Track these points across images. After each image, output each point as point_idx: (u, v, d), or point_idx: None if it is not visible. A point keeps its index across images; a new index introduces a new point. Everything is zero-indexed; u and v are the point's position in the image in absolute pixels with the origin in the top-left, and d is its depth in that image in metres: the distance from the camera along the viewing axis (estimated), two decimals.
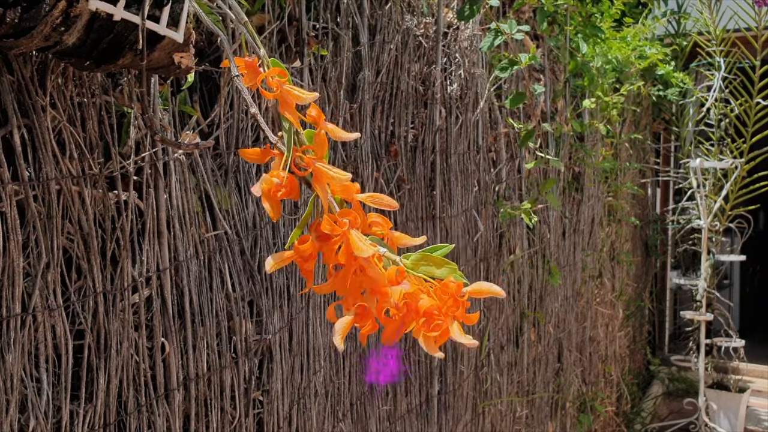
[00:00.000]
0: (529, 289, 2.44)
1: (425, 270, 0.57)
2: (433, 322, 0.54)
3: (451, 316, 0.54)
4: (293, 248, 0.58)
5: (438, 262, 0.57)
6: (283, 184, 0.58)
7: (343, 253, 0.56)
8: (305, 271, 0.60)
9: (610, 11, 2.70)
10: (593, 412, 3.17)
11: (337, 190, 0.60)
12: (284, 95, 0.61)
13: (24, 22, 0.67)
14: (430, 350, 0.54)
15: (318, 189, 0.59)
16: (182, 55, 0.82)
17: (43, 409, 0.86)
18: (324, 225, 0.56)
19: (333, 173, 0.59)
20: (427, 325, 0.54)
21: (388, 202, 0.60)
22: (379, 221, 0.60)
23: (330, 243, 0.57)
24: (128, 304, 0.98)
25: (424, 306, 0.54)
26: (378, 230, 0.60)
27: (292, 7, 1.28)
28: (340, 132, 0.62)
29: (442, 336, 0.54)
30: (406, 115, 1.66)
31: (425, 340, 0.54)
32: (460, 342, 0.54)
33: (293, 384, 1.31)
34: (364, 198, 0.60)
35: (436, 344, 0.54)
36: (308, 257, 0.58)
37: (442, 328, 0.54)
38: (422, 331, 0.54)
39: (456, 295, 0.54)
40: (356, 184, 0.60)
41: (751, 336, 4.68)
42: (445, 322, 0.54)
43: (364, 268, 0.55)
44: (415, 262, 0.58)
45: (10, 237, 0.82)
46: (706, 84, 4.05)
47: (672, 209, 4.77)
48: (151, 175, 1.01)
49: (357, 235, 0.56)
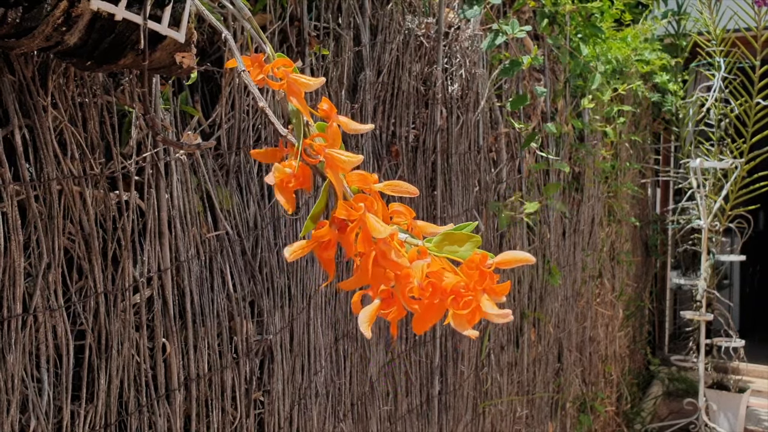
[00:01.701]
0: (529, 289, 2.44)
1: (449, 250, 0.54)
2: (461, 299, 0.51)
3: (480, 290, 0.51)
4: (311, 236, 0.55)
5: (460, 238, 0.54)
6: (295, 174, 0.56)
7: (362, 239, 0.54)
8: (325, 260, 0.57)
9: (610, 11, 2.70)
10: (593, 412, 3.17)
11: (353, 179, 0.57)
12: (291, 84, 0.61)
13: (25, 22, 0.67)
14: (461, 329, 0.50)
15: (331, 175, 0.56)
16: (184, 55, 0.81)
17: (44, 409, 0.86)
18: (339, 211, 0.54)
19: (345, 157, 0.56)
20: (455, 303, 0.51)
21: (407, 189, 0.58)
22: (401, 210, 0.57)
23: (347, 232, 0.55)
24: (129, 305, 0.98)
25: (450, 284, 0.51)
26: (401, 220, 0.57)
27: (294, 7, 1.28)
28: (352, 123, 0.61)
29: (474, 313, 0.51)
30: (407, 115, 1.66)
31: (456, 319, 0.51)
32: (494, 316, 0.51)
33: (294, 384, 1.31)
34: (382, 187, 0.57)
35: (470, 323, 0.51)
36: (327, 245, 0.56)
37: (473, 304, 0.51)
38: (452, 310, 0.51)
39: (482, 267, 0.51)
40: (374, 175, 0.58)
41: (751, 336, 4.68)
42: (475, 297, 0.51)
43: (384, 252, 0.53)
44: (438, 243, 0.55)
45: (12, 237, 0.82)
46: (706, 84, 4.06)
47: (672, 209, 4.77)
48: (153, 175, 1.01)
49: (373, 218, 0.54)
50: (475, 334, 0.51)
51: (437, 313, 0.52)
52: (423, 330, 0.53)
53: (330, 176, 0.56)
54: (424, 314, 0.52)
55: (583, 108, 2.61)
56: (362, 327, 0.51)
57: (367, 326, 0.51)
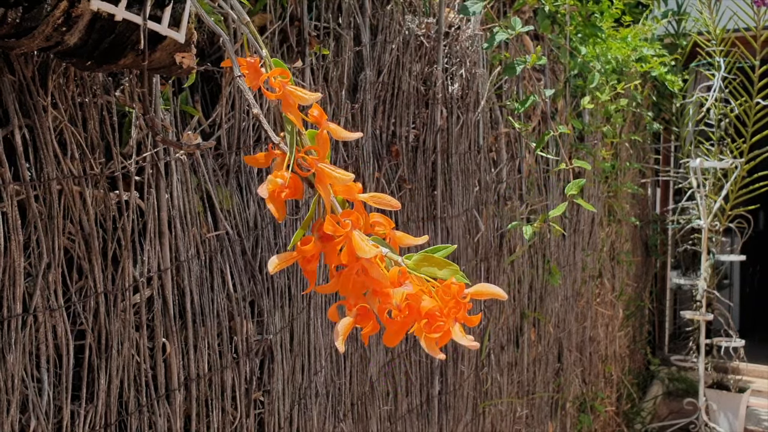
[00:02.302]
0: (529, 289, 2.44)
1: (427, 271, 0.57)
2: (434, 323, 0.54)
3: (452, 318, 0.54)
4: (296, 249, 0.58)
5: (440, 263, 0.57)
6: (286, 185, 0.58)
7: (346, 253, 0.56)
8: (308, 272, 0.60)
9: (610, 11, 2.70)
10: (593, 412, 3.17)
11: (339, 190, 0.59)
12: (287, 96, 0.61)
13: (25, 22, 0.67)
14: (431, 351, 0.54)
15: (321, 189, 0.59)
16: (184, 55, 0.81)
17: (44, 409, 0.86)
18: (326, 226, 0.56)
19: (336, 174, 0.58)
20: (428, 327, 0.54)
21: (390, 202, 0.60)
22: (381, 221, 0.60)
23: (332, 243, 0.57)
24: (129, 305, 0.98)
25: (426, 307, 0.54)
26: (380, 230, 0.59)
27: (294, 6, 1.28)
28: (342, 131, 0.62)
29: (444, 337, 0.54)
30: (408, 115, 1.66)
31: (427, 342, 0.54)
32: (461, 343, 0.54)
33: (294, 384, 1.31)
34: (366, 198, 0.60)
35: (438, 345, 0.54)
36: (311, 258, 0.58)
37: (444, 329, 0.54)
38: (424, 333, 0.54)
39: (458, 297, 0.54)
40: (358, 184, 0.60)
41: (751, 336, 4.68)
42: (446, 323, 0.54)
43: (366, 269, 0.55)
44: (417, 262, 0.57)
45: (12, 237, 0.82)
46: (706, 84, 4.06)
47: (672, 209, 4.77)
48: (153, 175, 1.01)
49: (359, 235, 0.56)
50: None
51: (407, 329, 0.55)
52: (394, 344, 0.56)
53: (320, 190, 0.58)
54: (396, 331, 0.55)
55: (583, 108, 2.61)
56: (337, 341, 0.53)
57: (342, 340, 0.54)
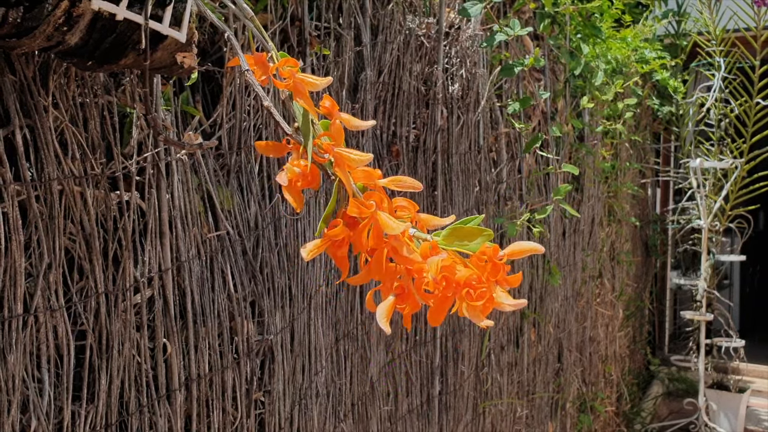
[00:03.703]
0: (529, 289, 2.44)
1: (458, 244, 0.55)
2: (475, 291, 0.52)
3: (492, 282, 0.52)
4: (323, 235, 0.56)
5: (471, 232, 0.55)
6: (304, 173, 0.56)
7: (373, 235, 0.55)
8: (338, 258, 0.58)
9: (610, 11, 2.70)
10: (593, 412, 3.17)
11: (358, 176, 0.58)
12: (297, 83, 0.61)
13: (26, 21, 0.67)
14: (476, 320, 0.52)
15: (340, 174, 0.57)
16: (185, 55, 0.81)
17: (44, 409, 0.86)
18: (351, 209, 0.55)
19: (354, 156, 0.57)
20: (470, 296, 0.52)
21: (411, 184, 0.58)
22: (405, 204, 0.58)
23: (358, 230, 0.56)
24: (130, 305, 0.98)
25: (463, 277, 0.52)
26: (405, 214, 0.58)
27: (295, 7, 1.28)
28: (354, 120, 0.61)
29: (488, 303, 0.52)
30: (408, 115, 1.66)
31: (471, 311, 0.52)
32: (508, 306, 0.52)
33: (295, 384, 1.31)
34: (386, 182, 0.58)
35: (483, 314, 0.52)
36: (340, 243, 0.57)
37: (487, 295, 0.52)
38: (466, 302, 0.52)
39: (494, 259, 0.52)
40: (377, 170, 0.58)
41: (751, 336, 4.68)
42: (488, 289, 0.52)
43: (396, 248, 0.54)
44: (447, 237, 0.55)
45: (12, 237, 0.82)
46: (706, 84, 4.06)
47: (672, 209, 4.77)
48: (154, 176, 1.01)
49: (385, 215, 0.54)
50: (490, 324, 0.52)
51: (449, 305, 0.53)
52: (439, 322, 0.54)
53: (339, 175, 0.57)
54: (438, 307, 0.53)
55: (583, 108, 2.61)
56: (381, 322, 0.52)
57: (386, 321, 0.53)
